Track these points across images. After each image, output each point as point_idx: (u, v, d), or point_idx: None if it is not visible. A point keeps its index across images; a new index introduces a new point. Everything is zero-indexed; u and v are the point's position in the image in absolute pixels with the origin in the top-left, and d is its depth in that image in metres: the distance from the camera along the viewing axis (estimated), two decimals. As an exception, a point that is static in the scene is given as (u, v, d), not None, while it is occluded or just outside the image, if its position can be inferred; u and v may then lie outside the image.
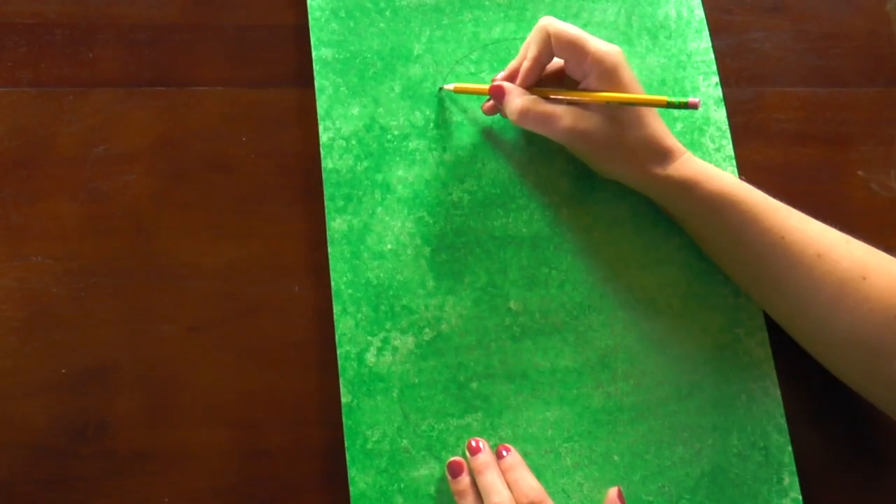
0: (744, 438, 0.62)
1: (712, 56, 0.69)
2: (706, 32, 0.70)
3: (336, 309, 0.60)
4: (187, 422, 0.58)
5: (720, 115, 0.68)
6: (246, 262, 0.61)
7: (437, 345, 0.60)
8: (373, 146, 0.63)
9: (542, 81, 0.61)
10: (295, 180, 0.63)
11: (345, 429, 0.58)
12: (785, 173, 0.69)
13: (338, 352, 0.59)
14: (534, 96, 0.60)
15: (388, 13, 0.66)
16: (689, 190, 0.60)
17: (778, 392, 0.63)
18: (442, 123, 0.64)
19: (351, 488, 0.57)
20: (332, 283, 0.60)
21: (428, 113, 0.64)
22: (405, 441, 0.58)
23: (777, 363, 0.64)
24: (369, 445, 0.58)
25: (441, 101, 0.65)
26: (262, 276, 0.61)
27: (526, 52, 0.61)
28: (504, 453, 0.58)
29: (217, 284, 0.61)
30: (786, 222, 0.58)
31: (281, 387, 0.60)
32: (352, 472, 0.57)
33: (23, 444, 0.57)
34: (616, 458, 0.60)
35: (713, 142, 0.67)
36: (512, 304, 0.62)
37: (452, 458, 0.58)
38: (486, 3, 0.67)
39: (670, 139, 0.61)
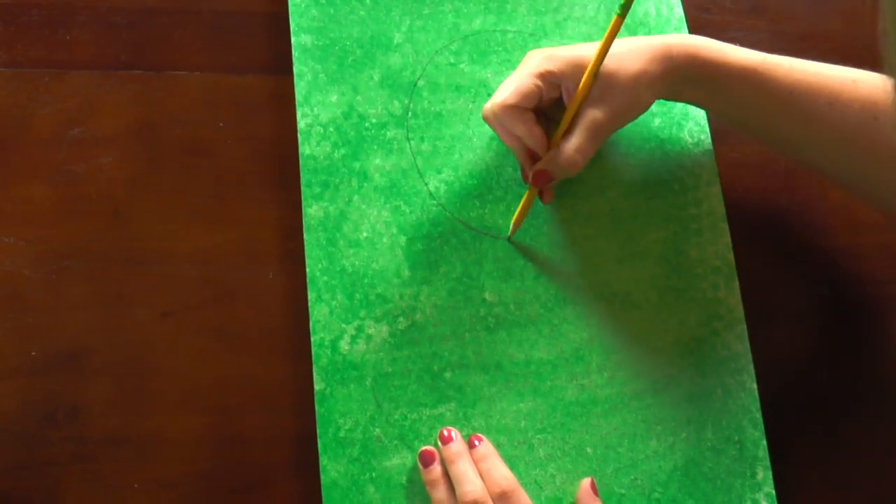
0: (718, 432, 0.62)
1: None
2: (686, 29, 0.70)
3: (311, 296, 0.59)
4: (160, 407, 0.58)
5: (698, 110, 0.68)
6: (221, 247, 0.61)
7: (412, 334, 0.60)
8: (350, 134, 0.63)
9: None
10: (272, 167, 0.63)
11: (317, 416, 0.57)
12: (764, 171, 0.69)
13: (312, 339, 0.59)
14: (565, 146, 0.59)
15: (368, 1, 0.65)
16: (697, 66, 0.60)
17: (755, 386, 0.63)
18: (420, 113, 0.64)
19: (322, 477, 0.57)
20: (308, 270, 0.60)
21: (406, 102, 0.64)
22: (378, 430, 0.58)
23: (755, 357, 0.64)
24: (342, 434, 0.57)
25: (419, 91, 0.65)
26: (238, 262, 0.61)
27: (513, 138, 0.61)
28: (476, 443, 0.58)
29: (192, 269, 0.60)
30: (793, 75, 0.59)
31: (255, 373, 0.59)
32: (323, 461, 0.57)
33: (-8, 426, 0.56)
34: (589, 450, 0.60)
35: (692, 136, 0.67)
36: (487, 295, 0.61)
37: (424, 448, 0.58)
38: None
39: (645, 41, 0.61)
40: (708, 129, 0.68)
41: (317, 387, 0.58)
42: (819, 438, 0.64)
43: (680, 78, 0.60)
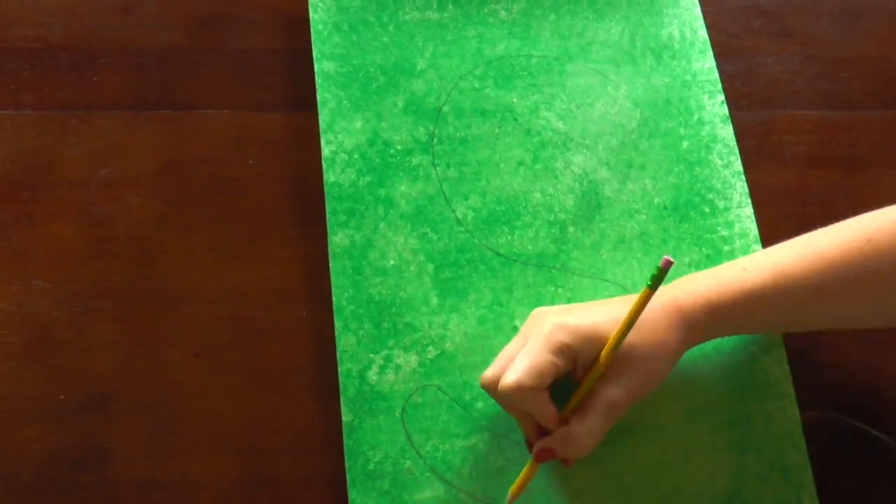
0: (761, 459, 0.60)
1: (717, 75, 0.69)
2: (710, 52, 0.69)
3: (337, 325, 0.59)
4: (191, 449, 0.57)
5: (727, 132, 0.67)
6: (252, 286, 0.61)
7: (441, 363, 0.59)
8: (375, 161, 0.63)
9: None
10: (301, 204, 0.63)
11: (345, 449, 0.56)
12: (799, 196, 0.68)
13: (339, 369, 0.58)
14: (578, 425, 0.54)
15: (391, 28, 0.66)
16: (711, 315, 0.56)
17: (796, 411, 0.61)
18: (445, 139, 0.64)
19: (351, 511, 0.56)
20: (334, 299, 0.59)
21: (431, 128, 0.64)
22: (408, 462, 0.57)
23: (795, 381, 0.62)
24: (371, 466, 0.56)
25: (444, 117, 0.64)
26: (269, 300, 0.61)
27: (520, 412, 0.56)
28: None
29: (222, 309, 0.60)
30: (809, 274, 0.55)
31: (286, 412, 0.58)
32: (352, 495, 0.56)
33: (21, 472, 0.56)
34: (628, 479, 0.58)
35: (721, 158, 0.66)
36: (517, 323, 0.60)
37: None
38: (490, 19, 0.67)
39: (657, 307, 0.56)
40: (737, 151, 0.67)
41: (344, 418, 0.57)
42: (867, 465, 0.62)
43: (700, 337, 0.57)
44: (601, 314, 0.55)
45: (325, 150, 0.62)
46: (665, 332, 0.55)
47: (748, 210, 0.65)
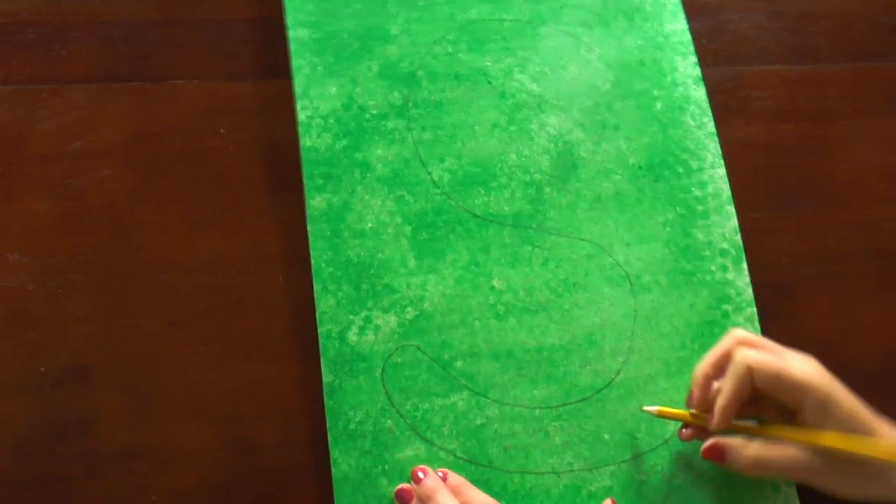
0: (736, 414, 0.61)
1: (689, 37, 0.69)
2: (682, 14, 0.70)
3: (316, 287, 0.59)
4: (171, 418, 0.57)
5: (700, 93, 0.68)
6: (228, 254, 0.61)
7: (420, 324, 0.59)
8: (351, 125, 0.63)
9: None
10: (275, 171, 0.63)
11: (326, 409, 0.57)
12: (769, 149, 0.69)
13: (318, 331, 0.58)
14: (762, 444, 0.55)
15: None
16: None
17: None
18: (420, 103, 0.64)
19: (333, 470, 0.55)
20: (312, 262, 0.59)
21: (406, 93, 0.64)
22: (389, 421, 0.57)
23: (767, 337, 0.62)
24: (352, 426, 0.56)
25: (419, 81, 0.65)
26: (245, 268, 0.60)
27: (708, 381, 0.57)
28: (448, 477, 0.56)
29: (199, 278, 0.60)
30: None
31: (266, 379, 0.58)
32: (334, 454, 0.56)
33: (1, 445, 0.55)
34: (606, 436, 0.59)
35: (694, 119, 0.67)
36: (495, 283, 0.61)
37: (400, 486, 0.56)
38: None
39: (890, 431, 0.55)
40: (710, 112, 0.68)
41: (325, 379, 0.57)
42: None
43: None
44: (859, 410, 0.55)
45: (301, 116, 0.62)
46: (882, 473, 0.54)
47: (721, 171, 0.66)
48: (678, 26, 0.70)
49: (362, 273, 0.60)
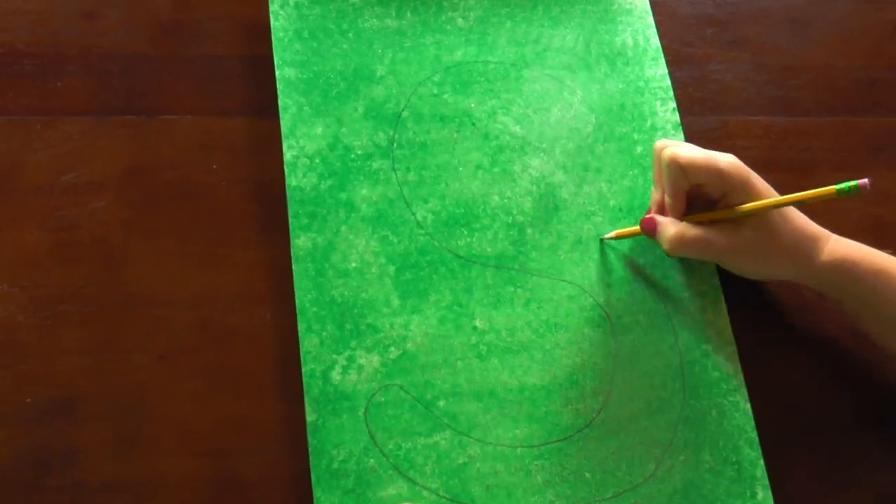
0: (716, 453, 0.61)
1: (669, 83, 0.71)
2: (662, 60, 0.71)
3: (301, 327, 0.59)
4: (157, 452, 0.57)
5: (679, 139, 0.69)
6: (217, 289, 0.61)
7: (403, 363, 0.60)
8: (336, 165, 0.63)
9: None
10: (266, 208, 0.63)
11: (310, 448, 0.57)
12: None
13: (302, 370, 0.59)
14: (684, 223, 0.61)
15: (350, 35, 0.67)
16: (846, 271, 0.61)
17: (748, 406, 0.62)
18: (405, 144, 0.65)
19: (316, 509, 0.56)
20: (297, 301, 0.60)
21: (391, 133, 0.65)
22: (372, 461, 0.57)
23: (746, 377, 0.63)
24: (335, 465, 0.57)
25: (404, 122, 0.66)
26: (234, 304, 0.61)
27: (661, 183, 0.62)
28: None
29: (187, 313, 0.60)
30: None
31: (252, 414, 0.59)
32: (317, 493, 0.56)
33: (-13, 475, 0.56)
34: (588, 475, 0.60)
35: None
36: (478, 323, 0.62)
37: None
38: (448, 27, 0.68)
39: (813, 226, 0.62)
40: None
41: (308, 418, 0.58)
42: (818, 458, 0.64)
43: (826, 279, 0.62)
44: (769, 189, 0.61)
45: (287, 155, 0.63)
46: (804, 238, 0.62)
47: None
48: (658, 72, 0.71)
49: (346, 313, 0.60)
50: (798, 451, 0.63)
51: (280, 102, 0.64)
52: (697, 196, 0.62)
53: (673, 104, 0.70)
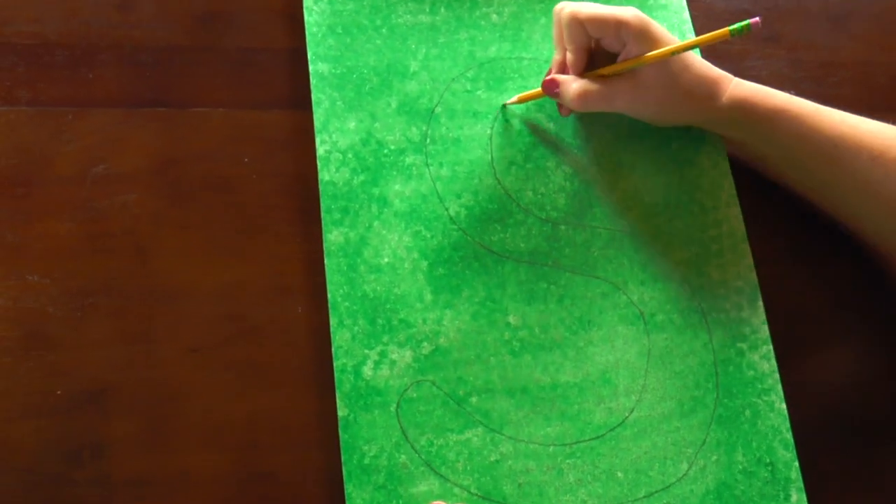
0: (749, 454, 0.61)
1: None
2: (698, 55, 0.70)
3: (332, 321, 0.59)
4: (187, 445, 0.57)
5: (715, 133, 0.68)
6: (247, 282, 0.61)
7: (436, 359, 0.60)
8: (369, 160, 0.63)
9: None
10: (296, 201, 0.63)
11: (341, 443, 0.57)
12: (788, 196, 0.69)
13: (334, 364, 0.58)
14: (585, 80, 0.63)
15: (384, 30, 0.66)
16: (747, 112, 0.63)
17: (784, 406, 0.62)
18: (438, 139, 0.65)
19: (347, 504, 0.56)
20: (329, 296, 0.60)
21: (424, 129, 0.65)
22: (403, 456, 0.57)
23: (783, 377, 0.63)
24: (366, 461, 0.57)
25: (437, 118, 0.65)
26: (265, 297, 0.61)
27: (561, 45, 0.64)
28: None
29: (218, 305, 0.60)
30: (839, 128, 0.62)
31: (283, 409, 0.59)
32: (348, 489, 0.56)
33: (15, 468, 0.55)
34: (620, 474, 0.59)
35: (709, 159, 0.68)
36: (511, 319, 0.61)
37: None
38: (482, 23, 0.68)
39: (715, 70, 0.64)
40: (725, 153, 0.68)
41: (340, 413, 0.57)
42: (854, 460, 0.63)
43: (727, 120, 0.64)
44: (669, 37, 0.62)
45: (320, 150, 0.63)
46: (706, 81, 0.63)
47: (736, 210, 0.66)
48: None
49: (378, 308, 0.60)
50: (834, 454, 0.63)
51: (313, 97, 0.64)
52: (597, 53, 0.64)
53: None
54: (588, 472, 0.59)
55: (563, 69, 0.64)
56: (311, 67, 0.65)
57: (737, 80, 0.64)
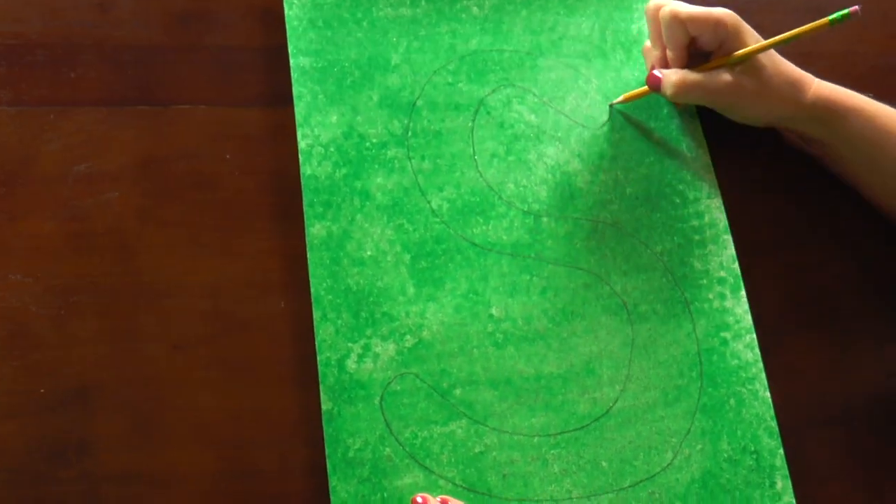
0: (734, 443, 0.61)
1: None
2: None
3: (316, 315, 0.59)
4: (172, 442, 0.57)
5: (695, 125, 0.69)
6: (231, 279, 0.61)
7: (419, 351, 0.60)
8: (351, 154, 0.63)
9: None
10: (279, 197, 0.63)
11: (325, 437, 0.57)
12: (770, 186, 0.70)
13: (318, 358, 0.58)
14: (685, 70, 0.66)
15: (365, 24, 0.67)
16: (829, 109, 0.66)
17: (768, 395, 0.62)
18: (420, 132, 0.65)
19: (332, 498, 0.56)
20: (312, 289, 0.60)
21: (406, 122, 0.65)
22: (388, 449, 0.57)
23: (766, 365, 0.63)
24: (351, 454, 0.57)
25: (419, 111, 0.65)
26: (248, 294, 0.61)
27: (660, 42, 0.67)
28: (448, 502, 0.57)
29: (202, 302, 0.60)
30: None
31: (267, 405, 0.59)
32: (333, 482, 0.56)
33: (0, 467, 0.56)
34: (605, 464, 0.59)
35: (690, 150, 0.68)
36: (494, 311, 0.61)
37: None
38: (463, 15, 0.68)
39: (798, 70, 0.67)
40: (705, 144, 0.68)
41: (324, 407, 0.57)
42: (838, 447, 0.63)
43: (811, 117, 0.67)
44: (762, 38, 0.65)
45: (302, 144, 0.63)
46: (792, 80, 0.66)
47: (717, 202, 0.67)
48: (675, 57, 0.70)
49: (361, 301, 0.60)
50: (819, 440, 0.63)
51: (294, 91, 0.64)
52: (693, 50, 0.66)
53: None
54: (573, 463, 0.59)
55: (661, 64, 0.67)
56: (291, 61, 0.65)
57: (819, 80, 0.67)
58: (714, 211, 0.67)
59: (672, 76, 0.65)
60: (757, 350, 0.63)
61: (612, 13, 0.71)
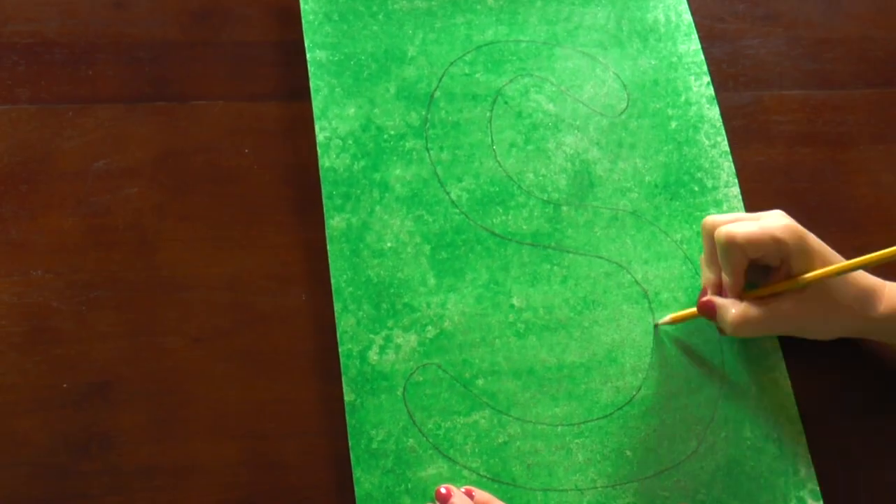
0: (757, 430, 0.61)
1: (702, 57, 0.70)
2: (695, 35, 0.71)
3: (337, 307, 0.59)
4: (194, 435, 0.57)
5: (713, 112, 0.68)
6: (251, 272, 0.61)
7: (441, 342, 0.60)
8: (369, 146, 0.63)
9: None
10: (297, 191, 0.63)
11: (348, 428, 0.57)
12: (788, 173, 0.69)
13: (339, 350, 0.59)
14: (745, 303, 0.59)
15: (380, 17, 0.67)
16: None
17: (788, 383, 0.62)
18: (438, 123, 0.65)
19: (356, 489, 0.56)
20: (333, 281, 0.60)
21: (424, 113, 0.65)
22: (411, 440, 0.57)
23: (785, 354, 0.63)
24: (374, 445, 0.57)
25: (436, 102, 0.65)
26: (268, 286, 0.61)
27: (715, 263, 0.60)
28: (473, 494, 0.56)
29: (222, 295, 0.60)
30: None
31: (289, 396, 0.59)
32: (357, 473, 0.56)
33: (23, 461, 0.56)
34: (629, 453, 0.59)
35: (708, 139, 0.68)
36: (515, 301, 0.61)
37: None
38: (478, 6, 0.68)
39: (869, 277, 0.61)
40: (724, 132, 0.68)
41: (347, 398, 0.58)
42: (862, 434, 0.63)
43: (886, 329, 0.61)
44: (829, 251, 0.60)
45: (320, 136, 0.63)
46: (863, 293, 0.60)
47: (735, 190, 0.67)
48: (691, 47, 0.70)
49: (382, 292, 0.60)
50: (842, 428, 0.63)
51: (311, 84, 0.64)
52: (751, 266, 0.60)
53: (707, 78, 0.69)
54: (597, 452, 0.59)
55: (716, 288, 0.61)
56: (308, 55, 0.65)
57: (890, 284, 0.61)
58: (732, 199, 0.66)
59: (730, 311, 0.59)
60: (776, 338, 0.63)
61: (628, 2, 0.71)
